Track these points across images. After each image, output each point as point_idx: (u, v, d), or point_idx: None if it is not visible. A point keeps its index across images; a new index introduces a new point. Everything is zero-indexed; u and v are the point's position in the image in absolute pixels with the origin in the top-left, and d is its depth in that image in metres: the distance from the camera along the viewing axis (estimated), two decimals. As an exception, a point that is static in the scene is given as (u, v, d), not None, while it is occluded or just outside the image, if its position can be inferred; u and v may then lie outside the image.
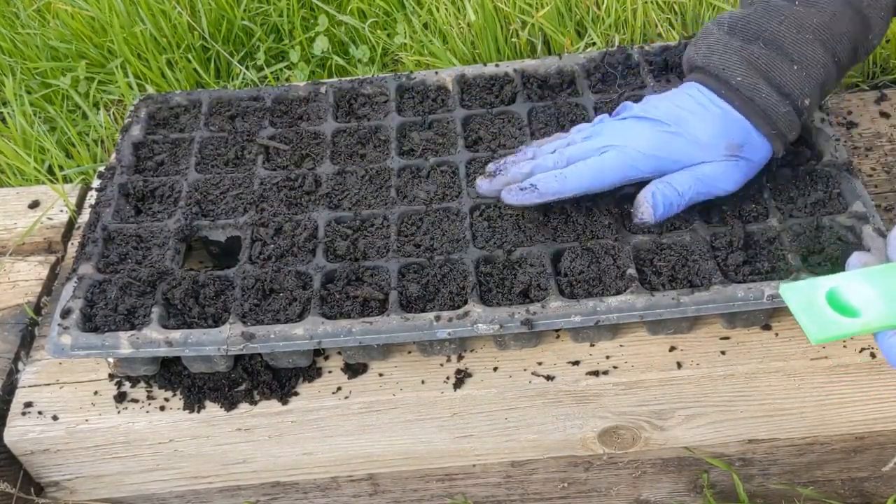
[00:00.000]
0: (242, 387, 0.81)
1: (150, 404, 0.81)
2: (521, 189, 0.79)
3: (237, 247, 0.85)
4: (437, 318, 0.76)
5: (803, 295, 0.58)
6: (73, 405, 0.82)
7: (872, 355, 0.78)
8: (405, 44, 1.37)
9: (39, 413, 0.81)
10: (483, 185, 0.82)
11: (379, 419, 0.82)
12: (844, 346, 0.79)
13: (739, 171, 0.79)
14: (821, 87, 0.79)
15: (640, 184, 0.80)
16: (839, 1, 0.77)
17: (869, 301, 0.57)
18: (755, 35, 0.78)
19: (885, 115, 1.02)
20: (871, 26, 0.78)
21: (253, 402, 0.80)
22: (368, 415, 0.81)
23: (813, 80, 0.78)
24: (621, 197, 0.84)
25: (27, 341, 0.88)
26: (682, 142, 0.78)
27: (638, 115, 0.80)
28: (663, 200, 0.78)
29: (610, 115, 0.84)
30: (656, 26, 1.29)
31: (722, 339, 0.81)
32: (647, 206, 0.78)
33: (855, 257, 0.64)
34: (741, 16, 0.80)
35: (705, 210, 0.83)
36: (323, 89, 1.01)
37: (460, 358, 0.82)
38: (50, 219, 0.99)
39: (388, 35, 1.40)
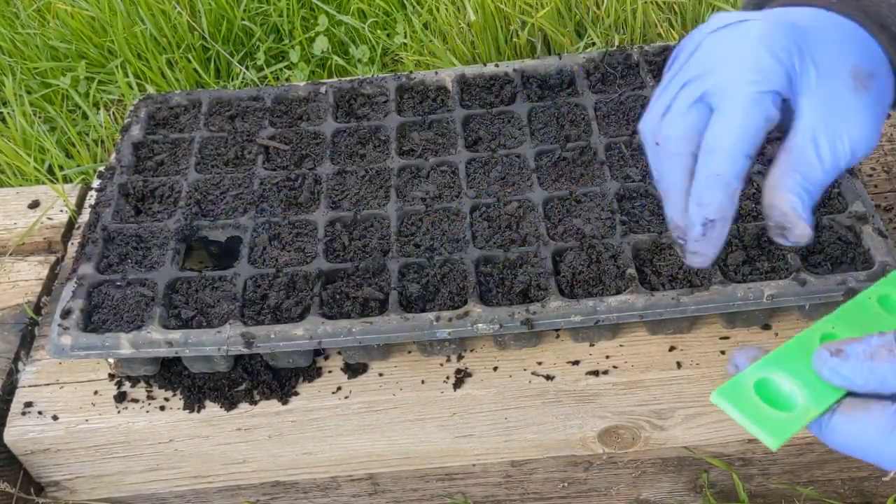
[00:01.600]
0: (242, 387, 0.81)
1: (150, 404, 0.81)
2: None
3: (237, 247, 0.85)
4: (437, 319, 0.76)
5: (739, 397, 0.52)
6: (73, 405, 0.82)
7: (872, 355, 0.78)
8: (405, 44, 1.37)
9: (39, 413, 0.82)
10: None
11: (379, 419, 0.82)
12: (844, 346, 0.79)
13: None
14: None
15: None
16: None
17: (793, 389, 0.52)
18: None
19: (884, 114, 1.02)
20: None
21: (253, 402, 0.80)
22: (368, 415, 0.81)
23: None
24: (621, 196, 0.85)
25: (27, 341, 0.88)
26: None
27: None
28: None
29: None
30: (656, 26, 1.29)
31: (722, 338, 0.81)
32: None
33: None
34: None
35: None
36: (323, 89, 1.01)
37: (460, 358, 0.82)
38: (50, 219, 0.99)
39: (388, 35, 1.41)
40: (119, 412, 0.81)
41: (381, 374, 0.82)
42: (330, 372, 0.82)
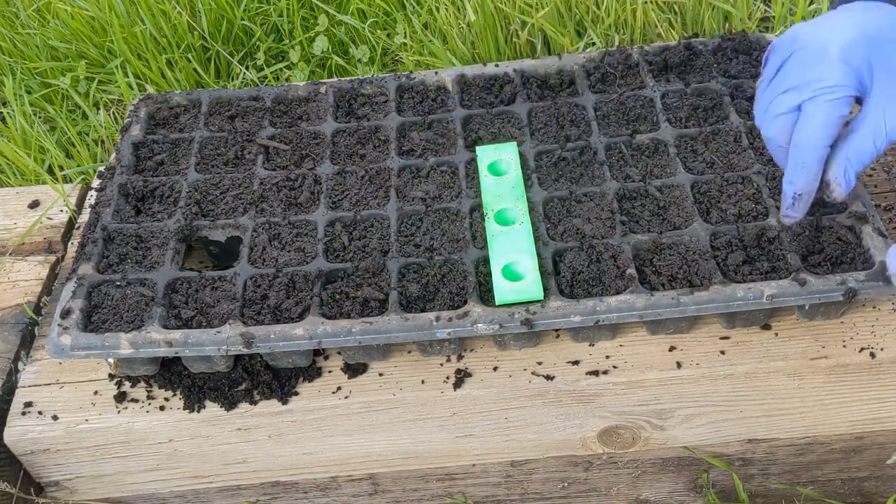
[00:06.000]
0: (242, 387, 0.81)
1: (150, 404, 0.81)
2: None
3: (237, 247, 0.85)
4: (437, 318, 0.76)
5: (506, 292, 0.75)
6: (73, 405, 0.82)
7: (872, 355, 0.78)
8: (405, 44, 1.37)
9: (39, 413, 0.82)
10: None
11: (379, 419, 0.82)
12: (844, 346, 0.79)
13: None
14: None
15: None
16: None
17: (516, 260, 0.78)
18: None
19: (884, 114, 1.01)
20: None
21: (253, 402, 0.80)
22: (368, 415, 0.81)
23: None
24: (621, 196, 0.85)
25: (27, 341, 0.88)
26: None
27: None
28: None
29: None
30: (656, 26, 1.29)
31: (721, 338, 0.81)
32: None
33: None
34: None
35: (705, 210, 0.83)
36: (323, 89, 1.01)
37: (460, 358, 0.82)
38: (50, 219, 0.99)
39: (388, 35, 1.41)
40: (119, 412, 0.81)
41: (381, 374, 0.82)
42: (330, 372, 0.82)
